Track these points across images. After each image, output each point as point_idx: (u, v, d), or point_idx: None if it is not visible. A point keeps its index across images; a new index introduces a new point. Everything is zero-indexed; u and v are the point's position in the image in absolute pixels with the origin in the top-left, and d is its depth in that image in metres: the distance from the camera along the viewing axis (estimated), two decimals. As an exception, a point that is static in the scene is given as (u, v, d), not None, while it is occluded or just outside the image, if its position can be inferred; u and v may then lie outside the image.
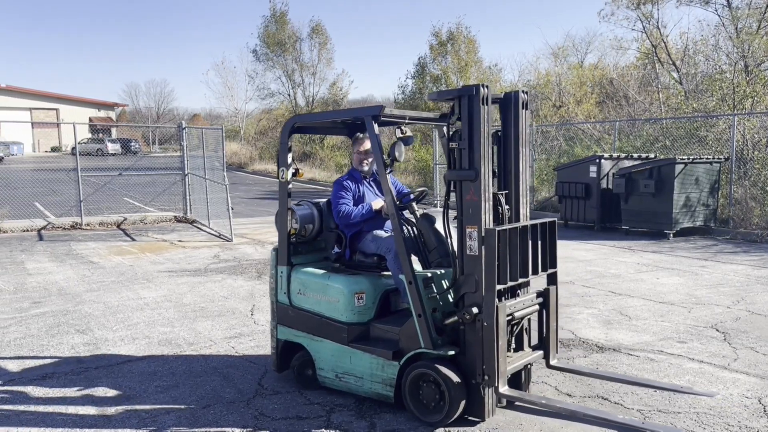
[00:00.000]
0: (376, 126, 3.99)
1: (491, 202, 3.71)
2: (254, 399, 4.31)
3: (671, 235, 11.16)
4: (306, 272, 4.38)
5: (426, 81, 25.33)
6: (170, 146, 49.73)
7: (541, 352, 4.13)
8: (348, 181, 4.53)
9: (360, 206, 4.42)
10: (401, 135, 4.26)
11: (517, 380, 4.09)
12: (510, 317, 3.77)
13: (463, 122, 3.68)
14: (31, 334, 5.79)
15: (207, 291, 7.48)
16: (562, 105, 21.31)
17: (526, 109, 4.00)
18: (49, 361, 5.09)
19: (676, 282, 7.81)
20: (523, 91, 3.98)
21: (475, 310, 3.63)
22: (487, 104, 3.66)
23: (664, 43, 18.80)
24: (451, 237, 3.99)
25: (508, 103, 3.94)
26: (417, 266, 4.05)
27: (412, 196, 4.42)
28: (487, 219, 3.67)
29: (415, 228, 4.18)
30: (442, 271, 4.09)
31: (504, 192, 3.94)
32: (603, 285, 7.71)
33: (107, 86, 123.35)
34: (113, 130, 55.67)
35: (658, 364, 4.93)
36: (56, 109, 51.28)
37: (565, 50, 26.19)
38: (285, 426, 3.90)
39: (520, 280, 3.82)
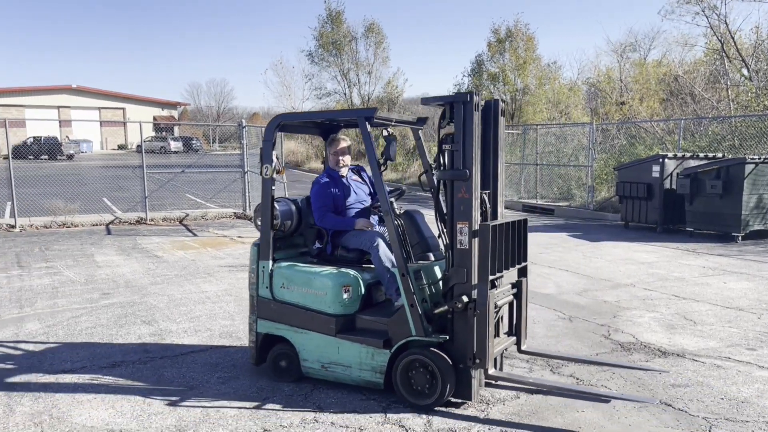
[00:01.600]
0: (368, 126, 4.23)
1: (479, 200, 4.03)
2: (312, 393, 4.38)
3: (740, 237, 10.71)
4: (291, 267, 4.53)
5: (483, 79, 25.09)
6: (230, 144, 50.96)
7: (514, 338, 4.48)
8: (327, 182, 4.71)
9: (342, 219, 4.64)
10: (387, 134, 4.55)
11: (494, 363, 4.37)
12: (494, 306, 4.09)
13: (457, 126, 3.96)
14: (101, 324, 6.06)
15: (265, 286, 7.64)
16: (624, 103, 20.74)
17: (503, 116, 4.30)
18: (117, 349, 5.32)
19: (744, 287, 7.50)
20: (502, 101, 4.29)
21: (465, 299, 3.92)
22: (478, 110, 3.99)
23: (732, 38, 18.04)
24: (442, 232, 4.21)
25: (489, 111, 4.20)
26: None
27: (391, 195, 4.62)
28: (476, 216, 3.97)
29: (399, 225, 4.35)
30: (427, 264, 4.37)
31: (486, 191, 4.19)
32: (666, 288, 7.47)
33: (171, 86, 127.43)
34: (176, 129, 57.46)
35: (725, 371, 4.76)
36: (123, 108, 53.29)
37: (627, 46, 25.48)
38: (342, 420, 3.96)
39: (504, 272, 4.14)
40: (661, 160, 11.92)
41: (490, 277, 3.91)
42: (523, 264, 4.37)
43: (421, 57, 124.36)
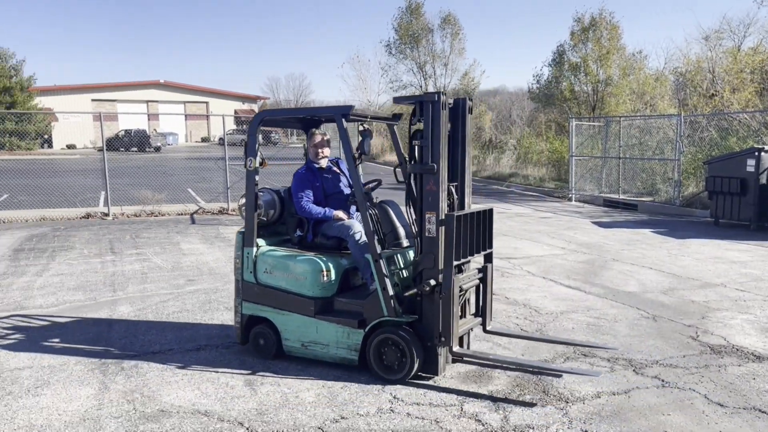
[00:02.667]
0: (345, 123, 4.54)
1: (447, 192, 4.36)
2: (388, 384, 4.41)
3: (844, 237, 9.96)
4: (273, 253, 4.84)
5: (564, 69, 24.36)
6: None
7: (480, 319, 4.79)
8: (307, 174, 5.02)
9: (322, 209, 4.92)
10: (363, 129, 4.88)
11: (460, 342, 4.72)
12: (459, 289, 4.39)
13: (426, 124, 4.25)
14: (187, 309, 6.32)
15: (342, 276, 7.74)
16: (715, 94, 19.65)
17: (471, 113, 4.62)
18: (202, 333, 5.54)
19: None
20: (469, 99, 4.57)
21: (432, 282, 4.23)
22: (445, 109, 4.30)
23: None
24: (413, 221, 4.53)
25: (458, 109, 4.51)
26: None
27: (371, 185, 4.94)
28: (443, 206, 4.29)
29: (374, 214, 4.70)
30: (399, 251, 4.69)
31: (454, 184, 4.52)
32: (760, 289, 7.05)
33: (251, 81, 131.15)
34: (255, 122, 58.74)
35: (827, 380, 4.44)
36: (206, 102, 55.26)
37: (720, 34, 24.08)
38: (418, 411, 3.97)
39: (469, 258, 4.49)
40: (756, 153, 11.22)
41: (455, 263, 4.23)
42: (489, 251, 4.70)
43: (499, 48, 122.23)
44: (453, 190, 4.50)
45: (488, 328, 4.83)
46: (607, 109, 22.73)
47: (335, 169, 5.20)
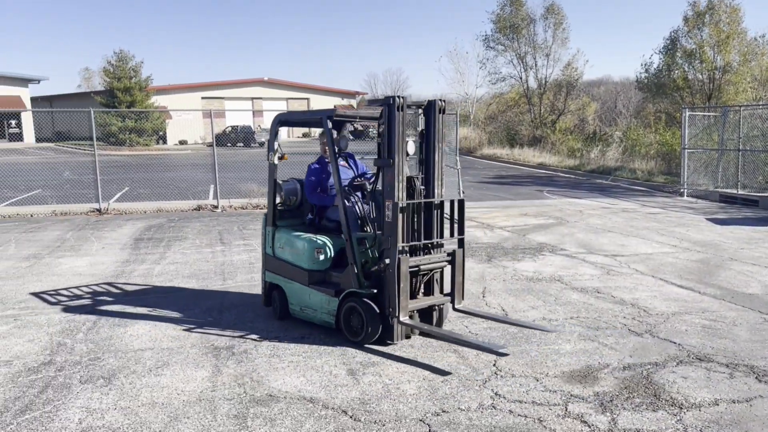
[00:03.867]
0: (330, 123, 5.27)
1: (405, 183, 4.93)
2: (489, 379, 4.37)
3: None
4: (285, 231, 5.73)
5: (676, 57, 22.98)
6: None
7: (449, 298, 5.25)
8: (317, 167, 5.78)
9: (325, 196, 5.69)
10: (351, 130, 5.87)
11: (430, 318, 5.26)
12: (416, 269, 4.96)
13: (385, 124, 4.89)
14: (291, 298, 6.55)
15: (440, 270, 7.74)
16: None
17: (443, 113, 5.20)
18: (305, 322, 5.70)
19: None
20: (440, 100, 5.13)
21: (387, 261, 4.82)
22: (402, 110, 4.85)
23: None
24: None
25: (430, 109, 5.16)
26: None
27: (369, 178, 5.63)
28: (401, 195, 4.86)
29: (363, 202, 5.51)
30: (378, 233, 5.14)
31: (420, 175, 5.17)
32: None
33: (350, 77, 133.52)
34: (354, 117, 59.72)
35: None
36: (307, 99, 56.78)
37: None
38: (520, 409, 3.90)
39: (425, 242, 5.07)
40: None
41: (402, 245, 4.80)
42: (460, 237, 5.20)
43: (604, 36, 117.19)
44: (417, 182, 5.12)
45: (457, 306, 5.26)
46: (725, 98, 21.25)
47: (343, 162, 5.79)
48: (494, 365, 4.64)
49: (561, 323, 5.63)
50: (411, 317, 4.98)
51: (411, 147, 4.96)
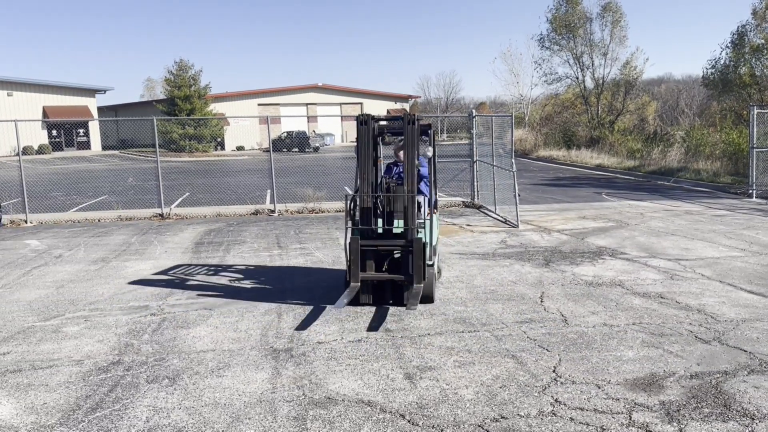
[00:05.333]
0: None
1: (368, 182, 6.26)
2: (549, 386, 4.30)
3: None
4: None
5: (744, 52, 22.06)
6: (457, 135, 51.93)
7: (402, 276, 6.15)
8: (388, 165, 7.14)
9: None
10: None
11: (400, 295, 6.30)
12: (374, 248, 6.18)
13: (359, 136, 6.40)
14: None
15: (495, 275, 7.66)
16: None
17: (413, 124, 6.25)
18: (362, 325, 5.75)
19: None
20: (411, 115, 6.25)
21: None
22: (365, 125, 6.31)
23: None
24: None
25: (403, 121, 6.33)
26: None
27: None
28: (367, 190, 6.24)
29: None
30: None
31: (388, 177, 6.71)
32: None
33: (403, 80, 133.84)
34: (407, 121, 59.74)
35: None
36: (360, 103, 57.18)
37: None
38: (581, 416, 3.82)
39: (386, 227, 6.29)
40: None
41: (352, 227, 6.23)
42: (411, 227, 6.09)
43: (664, 33, 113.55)
44: (384, 181, 6.54)
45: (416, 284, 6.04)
46: (795, 95, 20.26)
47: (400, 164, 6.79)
48: (554, 371, 4.56)
49: (623, 329, 5.48)
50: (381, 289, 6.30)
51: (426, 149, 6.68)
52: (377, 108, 54.38)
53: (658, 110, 33.21)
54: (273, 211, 14.03)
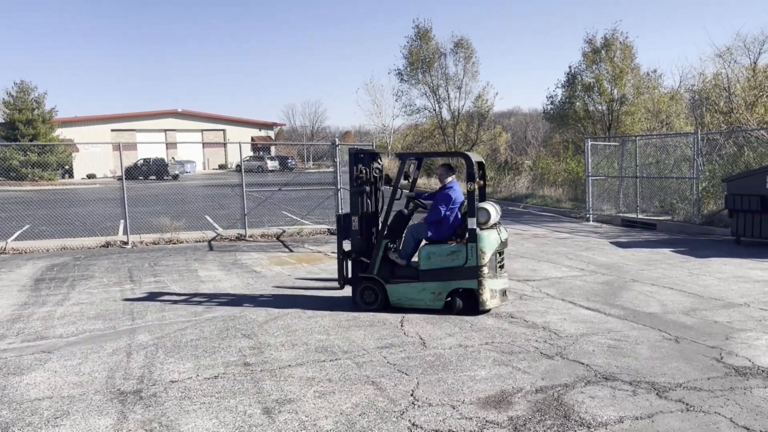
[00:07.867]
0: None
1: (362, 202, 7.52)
2: (407, 410, 4.37)
3: None
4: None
5: (577, 90, 24.41)
6: (323, 162, 52.32)
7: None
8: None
9: None
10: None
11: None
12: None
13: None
14: (204, 336, 6.33)
15: (359, 301, 7.72)
16: (732, 110, 19.51)
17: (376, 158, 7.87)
18: (220, 361, 5.54)
19: None
20: (367, 147, 8.22)
21: None
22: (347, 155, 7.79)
23: None
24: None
25: (359, 153, 7.71)
26: None
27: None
28: (361, 210, 7.49)
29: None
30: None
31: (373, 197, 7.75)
32: (785, 308, 6.91)
33: (268, 108, 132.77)
34: (272, 149, 59.52)
35: None
36: (223, 130, 55.97)
37: (732, 51, 23.97)
38: (437, 439, 3.91)
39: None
40: (775, 170, 11.09)
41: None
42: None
43: (512, 70, 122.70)
44: (365, 199, 7.56)
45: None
46: (622, 129, 22.67)
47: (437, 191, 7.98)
48: (412, 395, 4.65)
49: (476, 349, 5.74)
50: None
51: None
52: (241, 135, 53.42)
53: (509, 141, 35.59)
54: (126, 243, 13.21)
